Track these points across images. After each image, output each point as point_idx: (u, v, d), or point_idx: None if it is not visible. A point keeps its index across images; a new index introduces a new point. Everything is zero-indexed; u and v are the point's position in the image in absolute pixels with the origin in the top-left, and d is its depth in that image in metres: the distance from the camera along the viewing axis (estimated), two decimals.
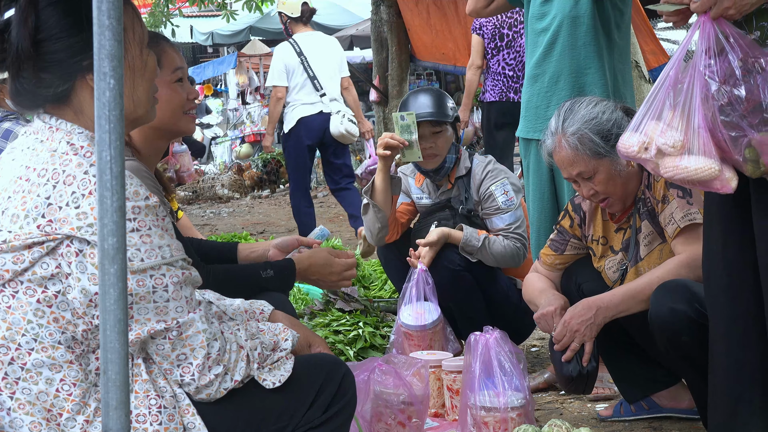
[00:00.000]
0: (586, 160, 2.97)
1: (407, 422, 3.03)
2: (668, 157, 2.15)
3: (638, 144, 2.18)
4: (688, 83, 2.11)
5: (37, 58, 1.85)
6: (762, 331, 2.32)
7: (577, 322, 2.89)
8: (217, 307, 2.22)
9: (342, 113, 7.05)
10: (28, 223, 1.81)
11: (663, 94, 2.16)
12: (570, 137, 2.98)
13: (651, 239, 3.05)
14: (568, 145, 2.98)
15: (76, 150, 1.84)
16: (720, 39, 2.07)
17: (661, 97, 2.16)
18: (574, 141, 2.97)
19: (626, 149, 2.22)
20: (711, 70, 2.08)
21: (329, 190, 10.20)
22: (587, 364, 2.91)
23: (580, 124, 2.98)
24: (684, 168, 2.12)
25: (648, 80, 9.81)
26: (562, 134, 3.00)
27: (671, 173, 2.16)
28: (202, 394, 1.92)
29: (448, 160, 4.07)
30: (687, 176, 2.13)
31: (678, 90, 2.13)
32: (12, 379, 1.83)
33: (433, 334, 3.87)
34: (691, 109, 2.10)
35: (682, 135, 2.11)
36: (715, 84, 2.07)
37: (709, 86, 2.08)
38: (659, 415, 3.24)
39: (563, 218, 3.29)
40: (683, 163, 2.12)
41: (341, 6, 19.46)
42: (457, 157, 4.10)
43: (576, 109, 3.01)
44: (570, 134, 2.98)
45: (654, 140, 2.15)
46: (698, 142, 2.09)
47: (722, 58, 2.08)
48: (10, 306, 1.82)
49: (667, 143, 2.13)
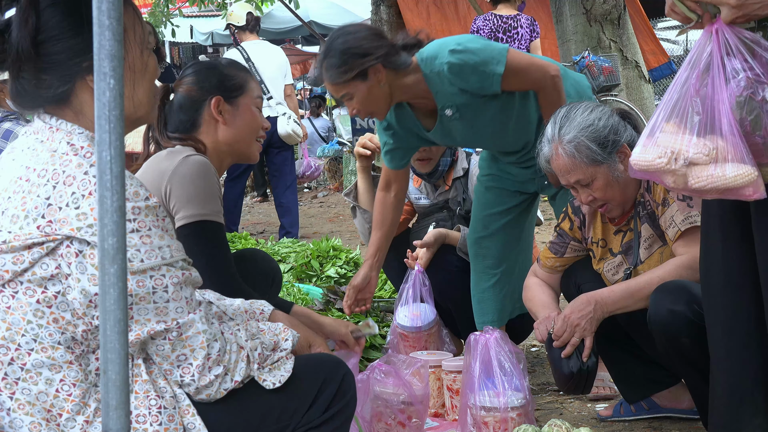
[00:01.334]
0: (583, 168, 2.96)
1: (407, 422, 3.03)
2: (700, 167, 2.09)
3: (665, 156, 2.10)
4: (710, 90, 2.06)
5: (38, 59, 1.85)
6: (763, 331, 2.32)
7: (577, 316, 2.89)
8: (218, 307, 2.22)
9: (288, 115, 7.44)
10: (28, 224, 1.81)
11: (684, 103, 2.10)
12: (567, 145, 2.96)
13: (651, 242, 3.04)
14: (564, 153, 2.97)
15: (76, 150, 1.84)
16: (739, 44, 2.06)
17: (682, 106, 2.10)
18: (571, 149, 2.96)
19: (648, 163, 2.14)
20: (737, 75, 2.05)
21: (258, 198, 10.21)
22: (587, 359, 2.90)
23: (576, 131, 2.96)
24: (720, 176, 2.06)
25: (648, 80, 9.82)
26: (559, 142, 2.98)
27: (704, 182, 2.09)
28: (202, 395, 1.92)
29: (442, 164, 4.08)
30: (724, 183, 2.07)
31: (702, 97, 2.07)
32: (12, 380, 1.83)
33: (428, 335, 3.88)
34: (719, 117, 2.06)
35: (713, 143, 2.07)
36: (743, 89, 2.04)
37: (738, 90, 2.04)
38: (659, 415, 3.24)
39: (563, 221, 3.28)
40: (718, 171, 2.07)
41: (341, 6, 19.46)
42: (452, 159, 4.11)
43: (572, 116, 3.00)
44: (566, 142, 2.96)
45: (683, 151, 2.09)
46: (733, 148, 2.05)
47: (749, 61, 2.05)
48: (9, 306, 1.82)
49: (702, 152, 2.07)
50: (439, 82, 3.30)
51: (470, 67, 3.25)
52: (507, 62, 3.26)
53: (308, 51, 19.63)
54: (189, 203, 2.61)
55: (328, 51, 3.24)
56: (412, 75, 3.31)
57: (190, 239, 2.54)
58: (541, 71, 3.34)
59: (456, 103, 3.36)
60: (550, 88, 3.36)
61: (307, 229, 8.58)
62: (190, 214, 2.61)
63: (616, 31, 9.43)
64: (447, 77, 3.28)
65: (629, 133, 3.02)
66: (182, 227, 2.60)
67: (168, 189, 2.64)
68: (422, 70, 3.30)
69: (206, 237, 2.61)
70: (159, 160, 2.75)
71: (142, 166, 2.83)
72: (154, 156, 2.81)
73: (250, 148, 2.88)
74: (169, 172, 2.65)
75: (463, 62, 3.24)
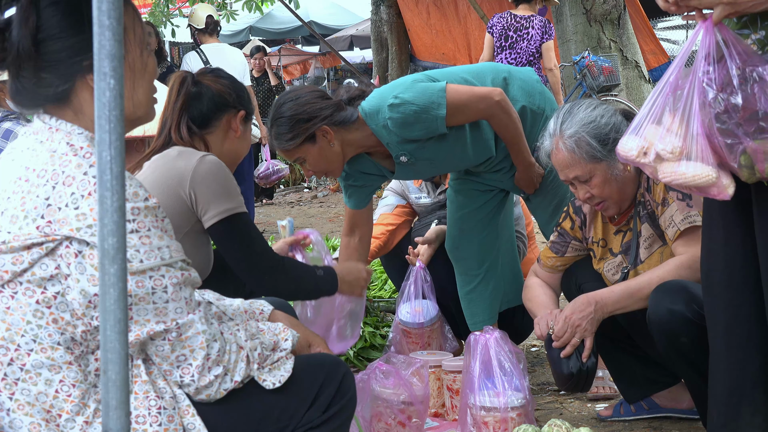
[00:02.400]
0: (582, 164, 2.97)
1: (407, 422, 3.03)
2: (666, 163, 2.15)
3: (637, 148, 2.18)
4: (687, 89, 2.12)
5: (38, 57, 1.85)
6: (763, 330, 2.32)
7: (578, 317, 2.89)
8: (217, 307, 2.22)
9: None
10: (27, 224, 1.80)
11: (663, 99, 2.16)
12: (567, 140, 2.97)
13: (651, 242, 3.04)
14: (565, 148, 2.98)
15: (76, 151, 1.84)
16: (720, 46, 2.08)
17: (661, 102, 2.16)
18: (572, 144, 2.97)
19: (625, 153, 2.22)
20: (709, 77, 2.09)
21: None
22: (587, 359, 2.91)
23: (577, 127, 2.97)
24: (682, 174, 2.13)
25: (648, 80, 9.83)
26: (560, 136, 2.99)
27: (669, 178, 2.16)
28: (201, 395, 1.92)
29: None
30: (684, 182, 2.13)
31: (678, 96, 2.13)
32: (11, 380, 1.83)
33: (431, 331, 3.88)
34: (690, 116, 2.11)
35: (680, 141, 2.12)
36: (712, 91, 2.08)
37: (706, 93, 2.09)
38: (659, 415, 3.24)
39: (564, 220, 3.28)
40: (681, 169, 2.13)
41: (341, 6, 19.48)
42: None
43: (575, 112, 3.01)
44: (567, 137, 2.97)
45: (653, 145, 2.15)
46: (696, 148, 2.10)
47: (721, 65, 2.08)
48: (9, 307, 1.82)
49: (666, 149, 2.13)
50: (387, 135, 3.29)
51: (411, 117, 3.22)
52: (447, 102, 3.22)
53: (308, 51, 19.63)
54: (218, 200, 2.69)
55: (275, 119, 3.27)
56: (360, 130, 3.30)
57: (227, 233, 2.68)
58: (485, 101, 3.28)
59: (408, 150, 3.34)
60: (499, 113, 3.31)
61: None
62: (223, 210, 2.68)
63: (616, 31, 9.44)
64: (392, 131, 3.27)
65: None
66: (217, 223, 2.69)
67: (192, 190, 2.70)
68: (369, 125, 3.30)
69: (240, 228, 2.71)
70: (171, 159, 2.78)
71: (149, 164, 2.84)
72: (162, 155, 2.83)
73: (236, 165, 3.04)
74: (190, 172, 2.70)
75: (404, 115, 3.21)
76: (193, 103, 2.92)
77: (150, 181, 2.74)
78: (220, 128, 2.94)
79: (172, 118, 2.91)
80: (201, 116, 2.92)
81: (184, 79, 2.94)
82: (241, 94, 3.01)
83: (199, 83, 2.95)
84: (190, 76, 2.96)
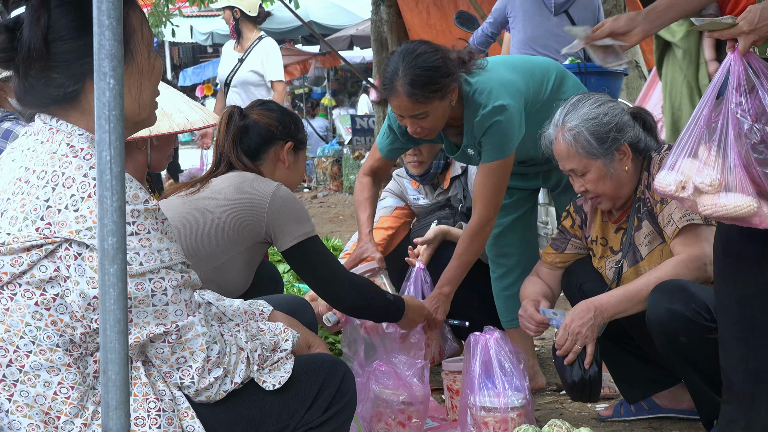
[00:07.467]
0: (578, 158, 3.00)
1: (407, 422, 3.03)
2: (706, 195, 2.20)
3: (675, 183, 2.24)
4: (722, 122, 2.15)
5: (48, 57, 1.84)
6: None
7: (578, 324, 2.89)
8: (217, 308, 2.21)
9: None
10: (26, 226, 1.80)
11: (697, 133, 2.19)
12: (567, 132, 3.01)
13: (652, 239, 3.05)
14: (563, 140, 3.02)
15: (76, 152, 1.84)
16: (750, 76, 2.10)
17: (696, 136, 2.20)
18: (570, 137, 3.00)
19: (663, 188, 2.27)
20: (742, 108, 2.12)
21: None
22: (589, 367, 2.90)
23: (578, 121, 3.00)
24: (723, 206, 2.17)
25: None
26: (561, 128, 3.03)
27: (710, 211, 2.20)
28: (201, 397, 1.92)
29: (434, 167, 4.09)
30: (726, 213, 2.18)
31: (712, 128, 2.17)
32: (10, 382, 1.82)
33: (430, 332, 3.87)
34: (726, 147, 2.15)
35: (718, 173, 2.16)
36: (747, 122, 2.11)
37: (741, 124, 2.11)
38: (659, 415, 3.24)
39: (565, 218, 3.30)
40: (721, 201, 2.17)
41: (341, 6, 19.46)
42: (446, 162, 4.11)
43: (580, 106, 3.03)
44: (567, 129, 3.01)
45: (691, 179, 2.20)
46: (735, 179, 2.14)
47: (753, 95, 2.11)
48: (8, 308, 1.82)
49: (705, 182, 2.18)
50: (472, 117, 3.26)
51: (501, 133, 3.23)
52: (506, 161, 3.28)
53: (308, 51, 19.61)
54: (294, 224, 2.87)
55: (411, 67, 3.14)
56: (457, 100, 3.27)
57: (303, 255, 2.89)
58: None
59: (476, 147, 3.34)
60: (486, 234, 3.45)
61: None
62: (300, 234, 2.87)
63: None
64: (479, 124, 3.25)
65: (635, 133, 3.03)
66: (296, 246, 2.87)
67: (269, 214, 2.87)
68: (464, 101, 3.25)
69: (316, 249, 2.91)
70: (249, 180, 2.95)
71: (220, 179, 2.98)
72: (238, 174, 2.99)
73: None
74: (269, 196, 2.87)
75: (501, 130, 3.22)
76: (242, 137, 3.08)
77: (227, 193, 2.90)
78: (269, 160, 3.10)
79: (229, 150, 3.06)
80: (250, 150, 3.08)
81: (231, 114, 3.08)
82: (288, 126, 3.12)
83: (246, 116, 3.10)
84: (237, 111, 3.11)
